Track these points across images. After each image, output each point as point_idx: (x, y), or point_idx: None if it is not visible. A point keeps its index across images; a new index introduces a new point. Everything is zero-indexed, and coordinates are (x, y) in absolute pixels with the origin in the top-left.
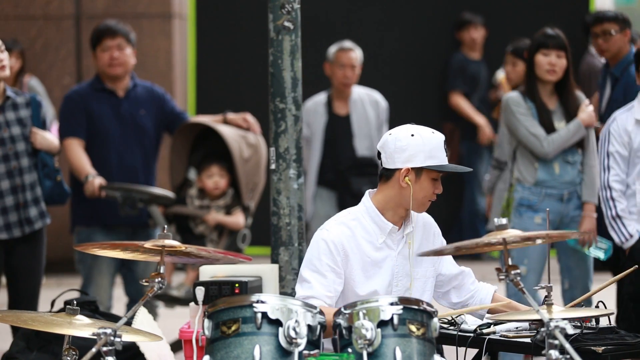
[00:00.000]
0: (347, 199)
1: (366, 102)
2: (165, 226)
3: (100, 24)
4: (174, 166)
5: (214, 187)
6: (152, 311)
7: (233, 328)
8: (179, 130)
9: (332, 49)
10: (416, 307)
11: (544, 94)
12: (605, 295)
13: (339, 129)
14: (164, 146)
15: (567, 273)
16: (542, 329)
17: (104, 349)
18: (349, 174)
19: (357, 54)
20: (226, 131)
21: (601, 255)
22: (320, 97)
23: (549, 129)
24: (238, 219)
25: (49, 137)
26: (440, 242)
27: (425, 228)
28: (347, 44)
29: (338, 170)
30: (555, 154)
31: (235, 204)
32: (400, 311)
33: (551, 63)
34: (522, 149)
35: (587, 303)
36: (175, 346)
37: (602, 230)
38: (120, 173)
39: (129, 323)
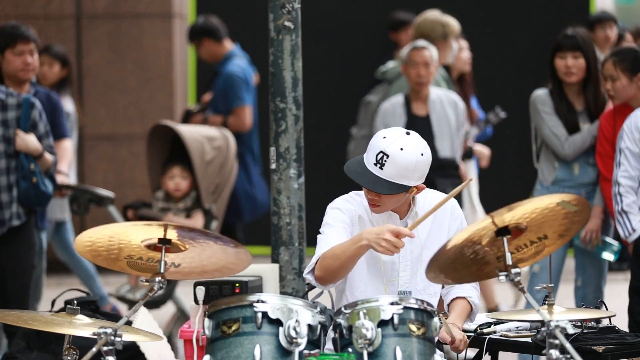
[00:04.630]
0: None
1: (445, 102)
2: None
3: (8, 26)
4: (151, 169)
5: (175, 189)
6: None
7: (233, 328)
8: (152, 133)
9: (406, 50)
10: (416, 306)
11: (570, 94)
12: (606, 296)
13: (419, 130)
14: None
15: (580, 270)
16: (543, 329)
17: (105, 348)
18: (434, 176)
19: (431, 52)
20: (187, 132)
21: (611, 257)
22: (398, 98)
23: (574, 130)
24: (196, 221)
25: (29, 140)
26: (459, 224)
27: (439, 211)
28: (421, 42)
29: None
30: (575, 155)
31: (196, 207)
32: (401, 311)
33: (567, 65)
34: (545, 148)
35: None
36: None
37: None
38: None
39: (129, 323)
